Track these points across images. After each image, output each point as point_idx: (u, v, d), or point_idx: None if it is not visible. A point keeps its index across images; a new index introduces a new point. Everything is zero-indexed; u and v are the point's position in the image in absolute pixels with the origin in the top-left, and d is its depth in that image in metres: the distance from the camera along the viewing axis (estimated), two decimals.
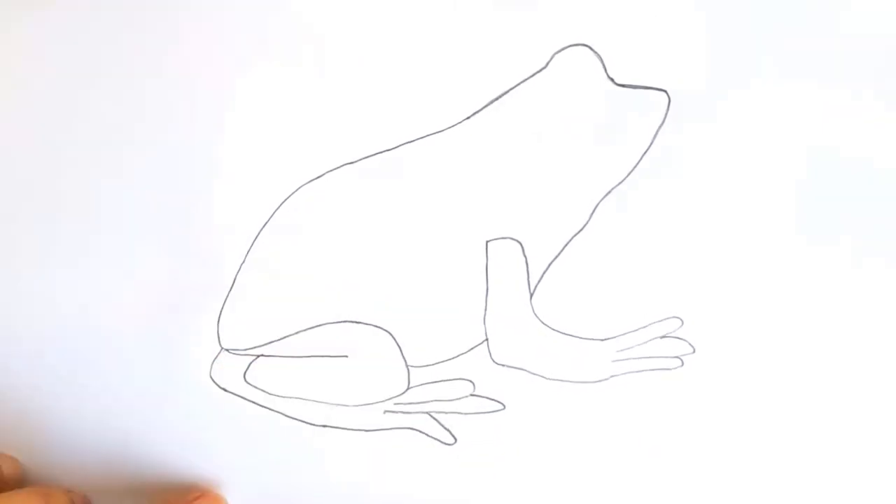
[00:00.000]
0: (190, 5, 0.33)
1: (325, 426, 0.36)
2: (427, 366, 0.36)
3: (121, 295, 0.35)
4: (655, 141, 0.34)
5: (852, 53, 0.34)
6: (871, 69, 0.34)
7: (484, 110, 0.34)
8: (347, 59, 0.33)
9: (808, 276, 0.35)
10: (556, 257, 0.35)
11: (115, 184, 0.34)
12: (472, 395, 0.36)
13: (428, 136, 0.34)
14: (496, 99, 0.34)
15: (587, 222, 0.34)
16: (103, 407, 0.35)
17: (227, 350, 0.35)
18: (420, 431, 0.36)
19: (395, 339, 0.35)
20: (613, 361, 0.36)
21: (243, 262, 0.34)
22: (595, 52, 0.33)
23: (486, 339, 0.35)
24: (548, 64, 0.33)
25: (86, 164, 0.34)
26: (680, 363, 0.36)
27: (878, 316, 0.36)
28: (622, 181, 0.34)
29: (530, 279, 0.35)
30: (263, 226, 0.34)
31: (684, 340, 0.35)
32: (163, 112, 0.34)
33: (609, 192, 0.34)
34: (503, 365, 0.36)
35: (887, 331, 0.36)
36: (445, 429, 0.36)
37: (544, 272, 0.35)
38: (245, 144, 0.34)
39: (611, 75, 0.33)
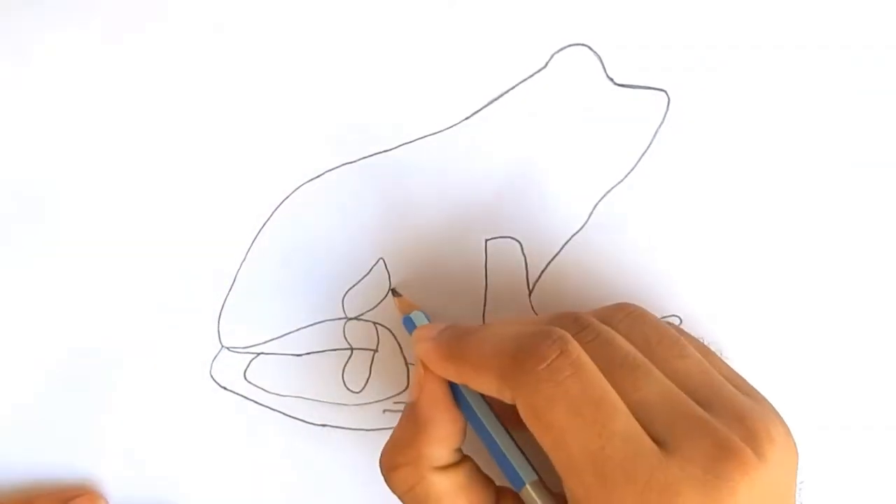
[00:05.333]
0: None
1: (324, 425, 0.36)
2: None
3: (121, 293, 0.35)
4: (654, 140, 0.34)
5: (852, 53, 0.34)
6: (871, 69, 0.34)
7: (483, 110, 0.34)
8: (347, 59, 0.34)
9: (807, 276, 0.35)
10: (555, 256, 0.35)
11: (116, 181, 0.34)
12: None
13: (427, 135, 0.34)
14: (496, 99, 0.34)
15: (586, 221, 0.35)
16: (103, 406, 0.35)
17: (227, 348, 0.35)
18: None
19: (394, 336, 0.35)
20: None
21: (244, 260, 0.35)
22: (594, 52, 0.33)
23: None
24: (547, 64, 0.33)
25: (87, 162, 0.34)
26: None
27: (878, 315, 0.36)
28: (621, 181, 0.34)
29: (529, 278, 0.35)
30: (264, 224, 0.34)
31: None
32: (163, 110, 0.34)
33: (608, 191, 0.34)
34: None
35: (886, 330, 0.36)
36: None
37: (543, 271, 0.35)
38: (245, 143, 0.34)
39: (610, 75, 0.34)
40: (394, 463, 0.30)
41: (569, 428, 0.26)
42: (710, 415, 0.27)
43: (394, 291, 0.35)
